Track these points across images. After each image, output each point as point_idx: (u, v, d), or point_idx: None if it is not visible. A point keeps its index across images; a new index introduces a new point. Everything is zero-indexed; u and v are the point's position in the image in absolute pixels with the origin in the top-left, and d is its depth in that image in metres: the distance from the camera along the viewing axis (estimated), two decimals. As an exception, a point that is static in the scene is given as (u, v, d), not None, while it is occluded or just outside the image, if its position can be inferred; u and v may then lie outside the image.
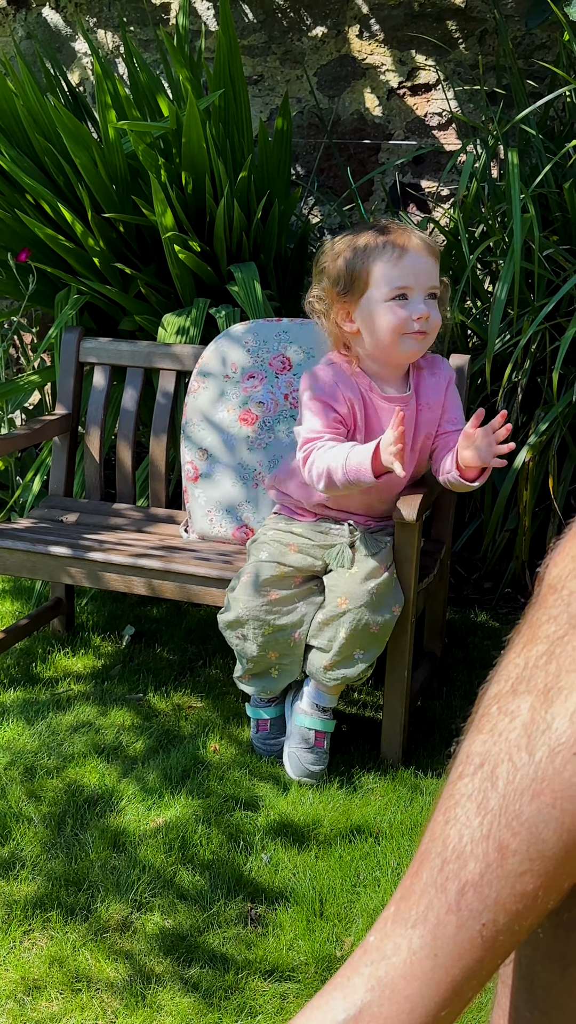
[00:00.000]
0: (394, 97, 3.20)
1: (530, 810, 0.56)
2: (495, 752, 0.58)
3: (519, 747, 0.57)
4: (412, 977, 0.59)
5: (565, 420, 2.52)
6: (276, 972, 1.54)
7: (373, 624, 1.94)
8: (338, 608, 1.94)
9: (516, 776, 0.57)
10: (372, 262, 1.90)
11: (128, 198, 2.70)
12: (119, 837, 1.83)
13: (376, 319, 1.91)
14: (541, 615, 0.61)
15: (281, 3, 3.25)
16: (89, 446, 2.56)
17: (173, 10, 3.41)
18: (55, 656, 2.49)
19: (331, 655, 1.95)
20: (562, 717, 0.56)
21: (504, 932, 0.58)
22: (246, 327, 2.35)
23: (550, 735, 0.56)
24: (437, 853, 0.60)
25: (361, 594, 1.93)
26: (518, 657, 0.61)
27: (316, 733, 2.02)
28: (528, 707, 0.58)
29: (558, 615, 0.60)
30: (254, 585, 1.99)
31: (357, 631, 1.93)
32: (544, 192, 2.61)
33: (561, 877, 0.57)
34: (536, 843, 0.56)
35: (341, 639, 1.93)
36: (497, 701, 0.60)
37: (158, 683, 2.37)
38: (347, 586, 1.94)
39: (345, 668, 1.96)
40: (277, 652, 2.01)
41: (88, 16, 3.52)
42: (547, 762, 0.56)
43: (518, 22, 2.99)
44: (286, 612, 1.99)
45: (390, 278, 1.89)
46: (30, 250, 2.77)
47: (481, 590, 2.83)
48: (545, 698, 0.57)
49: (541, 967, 0.65)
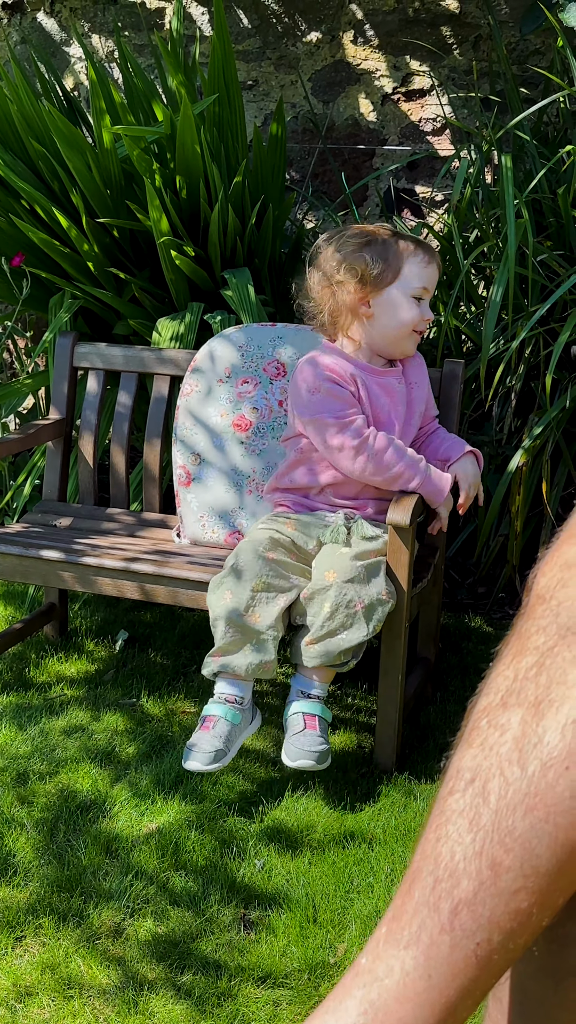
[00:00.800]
0: (388, 103, 3.20)
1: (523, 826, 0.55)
2: (486, 767, 0.58)
3: (511, 761, 0.56)
4: (406, 999, 0.58)
5: (559, 425, 2.52)
6: (269, 979, 1.54)
7: (358, 599, 1.89)
8: (325, 581, 1.91)
9: (508, 791, 0.56)
10: (405, 259, 2.06)
11: (123, 203, 2.70)
12: (112, 843, 1.83)
13: (399, 311, 2.06)
14: (530, 626, 0.60)
15: (276, 8, 3.25)
16: (83, 451, 2.56)
17: (168, 15, 3.41)
18: (48, 661, 2.49)
19: (313, 630, 1.90)
20: (554, 730, 0.55)
21: (498, 951, 0.57)
22: (240, 331, 2.35)
23: (542, 749, 0.55)
24: (429, 871, 0.59)
25: (349, 568, 1.91)
26: (507, 669, 0.60)
27: (304, 716, 1.91)
28: (519, 720, 0.57)
29: (547, 626, 0.59)
30: (252, 543, 1.98)
31: (341, 605, 1.88)
32: (538, 197, 2.62)
33: (555, 893, 0.56)
34: (530, 859, 0.55)
35: (325, 613, 1.88)
36: (487, 714, 0.59)
37: (151, 688, 2.37)
38: (336, 561, 1.93)
39: (327, 644, 1.89)
40: (259, 615, 1.92)
41: (83, 21, 3.52)
42: (540, 776, 0.55)
43: (512, 28, 3.00)
44: (279, 575, 1.95)
45: (420, 277, 2.06)
46: (24, 254, 2.77)
47: (475, 595, 2.84)
48: (536, 711, 0.56)
49: (534, 982, 0.65)
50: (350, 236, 2.08)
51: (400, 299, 2.05)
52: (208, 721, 1.92)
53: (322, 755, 1.88)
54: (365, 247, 2.04)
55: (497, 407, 2.68)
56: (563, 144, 2.70)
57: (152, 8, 3.42)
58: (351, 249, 2.05)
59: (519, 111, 2.70)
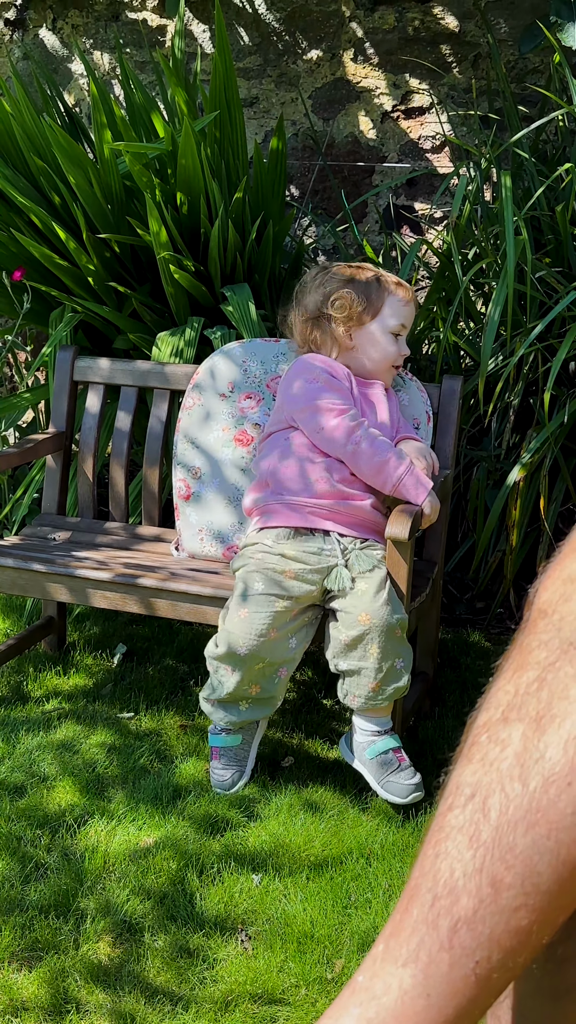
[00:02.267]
0: (388, 120, 3.22)
1: (524, 842, 0.55)
2: (486, 782, 0.57)
3: (512, 777, 0.56)
4: (404, 1018, 0.57)
5: (557, 441, 2.53)
6: (266, 994, 1.53)
7: (398, 628, 1.94)
8: (362, 625, 1.92)
9: (509, 807, 0.55)
10: (387, 296, 2.17)
11: (123, 218, 2.71)
12: (108, 858, 1.82)
13: (379, 346, 2.17)
14: (531, 640, 0.60)
15: (276, 26, 3.27)
16: (82, 465, 2.56)
17: (169, 33, 3.43)
18: (45, 675, 2.48)
19: (374, 675, 1.93)
20: (556, 746, 0.55)
21: (498, 969, 0.56)
22: (243, 346, 2.35)
23: (543, 764, 0.55)
24: (428, 888, 0.58)
25: (379, 606, 1.93)
26: (508, 684, 0.59)
27: (393, 752, 1.98)
28: (520, 735, 0.56)
29: (549, 640, 0.58)
30: (251, 622, 1.94)
31: (389, 640, 1.92)
32: (537, 215, 2.63)
33: (556, 911, 0.55)
34: (531, 877, 0.54)
35: (376, 655, 1.92)
36: (487, 729, 0.59)
37: (149, 702, 2.37)
38: (363, 604, 1.93)
39: (394, 682, 1.95)
40: (259, 687, 1.99)
41: (84, 38, 3.54)
42: (541, 792, 0.54)
43: (511, 47, 3.02)
44: (280, 649, 1.97)
45: (398, 315, 2.18)
46: (25, 269, 2.78)
47: (474, 610, 2.84)
48: (537, 726, 0.56)
49: (532, 1000, 0.64)
50: (334, 273, 2.20)
51: (379, 335, 2.16)
52: (215, 751, 2.05)
53: (420, 782, 1.97)
54: (349, 283, 2.16)
55: (496, 423, 2.69)
56: (562, 162, 2.72)
57: (153, 25, 3.45)
58: (336, 286, 2.17)
59: (518, 129, 2.72)
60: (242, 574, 2.01)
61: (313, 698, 2.43)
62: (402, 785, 1.95)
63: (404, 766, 1.97)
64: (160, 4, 3.42)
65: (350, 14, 3.18)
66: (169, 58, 3.06)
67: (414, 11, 3.10)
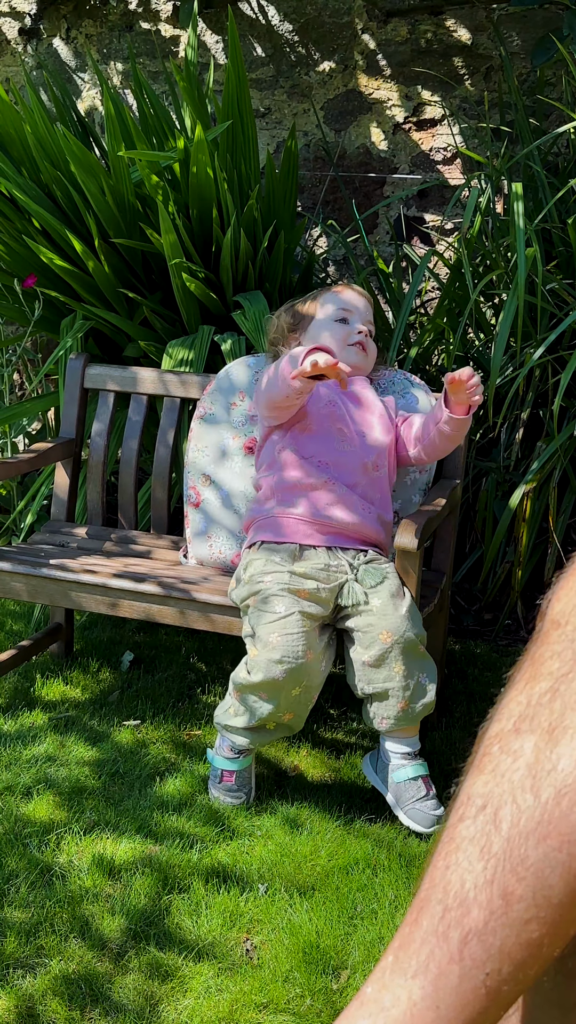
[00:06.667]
0: (400, 132, 3.23)
1: (536, 854, 0.54)
2: (498, 793, 0.57)
3: (523, 788, 0.55)
4: None
5: (566, 452, 2.53)
6: (271, 1004, 1.53)
7: (420, 641, 1.93)
8: (384, 644, 1.90)
9: (521, 819, 0.55)
10: (315, 299, 2.26)
11: (135, 226, 2.73)
12: (113, 866, 1.82)
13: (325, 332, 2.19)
14: (544, 651, 0.59)
15: (289, 38, 3.29)
16: (91, 471, 2.57)
17: (182, 43, 3.45)
18: (53, 681, 2.48)
19: (401, 694, 1.91)
20: (568, 757, 0.54)
21: (508, 981, 0.56)
22: (256, 357, 2.36)
23: (556, 776, 0.54)
24: (438, 900, 0.58)
25: (399, 620, 1.91)
26: (520, 695, 0.59)
27: (422, 779, 1.96)
28: (532, 747, 0.56)
29: (562, 651, 0.58)
30: (286, 644, 1.88)
31: (411, 656, 1.91)
32: (548, 227, 2.64)
33: (567, 924, 0.55)
34: (542, 889, 0.54)
35: (402, 672, 1.90)
36: (499, 740, 0.58)
37: (156, 710, 2.37)
38: (383, 621, 1.91)
39: (422, 698, 1.93)
40: (293, 714, 1.94)
41: (98, 48, 3.56)
42: (553, 804, 0.54)
43: (523, 59, 3.03)
44: (315, 671, 1.92)
45: (337, 302, 2.23)
46: (36, 276, 2.79)
47: (481, 621, 2.83)
48: (550, 737, 0.55)
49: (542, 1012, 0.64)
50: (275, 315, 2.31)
51: (323, 324, 2.21)
52: (226, 775, 2.04)
53: (444, 814, 1.94)
54: (287, 311, 2.28)
55: (505, 434, 2.69)
56: (573, 174, 2.72)
57: (167, 36, 3.47)
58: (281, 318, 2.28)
59: (529, 141, 2.72)
60: (261, 597, 1.94)
61: (319, 708, 2.43)
62: (427, 815, 1.93)
63: (431, 795, 1.95)
64: (174, 15, 3.44)
65: (363, 26, 3.19)
66: (183, 68, 3.07)
67: (427, 23, 3.11)
